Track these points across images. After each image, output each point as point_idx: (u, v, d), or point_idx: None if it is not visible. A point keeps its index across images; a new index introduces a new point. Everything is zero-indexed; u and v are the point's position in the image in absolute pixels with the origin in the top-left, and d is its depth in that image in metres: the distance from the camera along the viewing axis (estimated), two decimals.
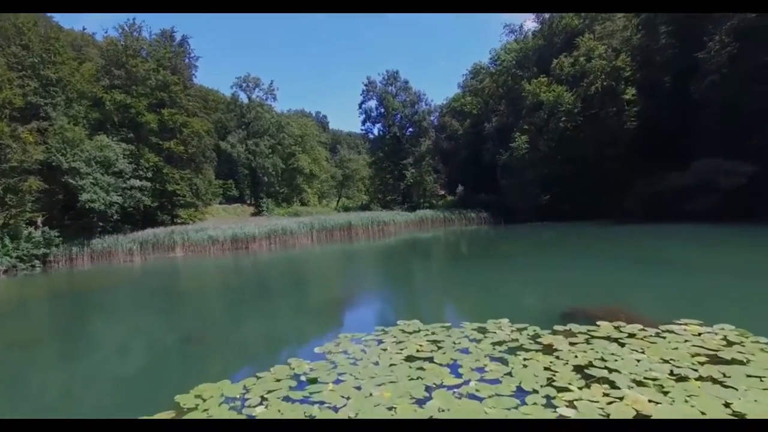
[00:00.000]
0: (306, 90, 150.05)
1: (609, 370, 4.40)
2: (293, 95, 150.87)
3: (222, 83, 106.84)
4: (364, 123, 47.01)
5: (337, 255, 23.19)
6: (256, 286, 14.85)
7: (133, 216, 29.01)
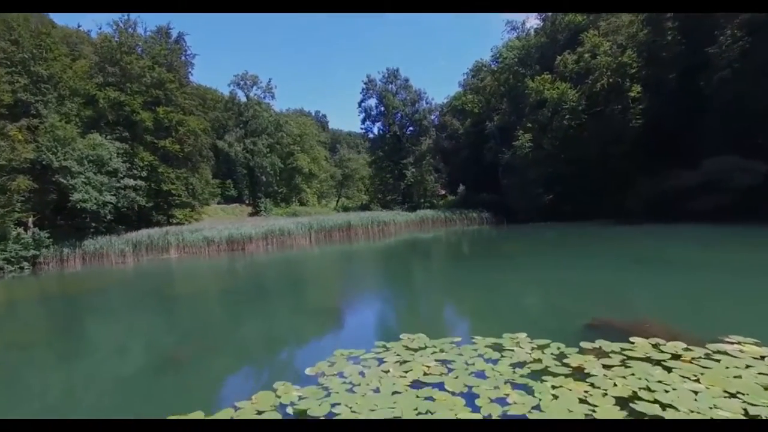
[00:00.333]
0: (305, 89, 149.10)
1: (661, 405, 3.60)
2: (293, 95, 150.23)
3: (222, 83, 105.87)
4: (363, 122, 46.23)
5: (336, 256, 22.43)
6: (247, 290, 14.03)
7: (128, 216, 28.26)
